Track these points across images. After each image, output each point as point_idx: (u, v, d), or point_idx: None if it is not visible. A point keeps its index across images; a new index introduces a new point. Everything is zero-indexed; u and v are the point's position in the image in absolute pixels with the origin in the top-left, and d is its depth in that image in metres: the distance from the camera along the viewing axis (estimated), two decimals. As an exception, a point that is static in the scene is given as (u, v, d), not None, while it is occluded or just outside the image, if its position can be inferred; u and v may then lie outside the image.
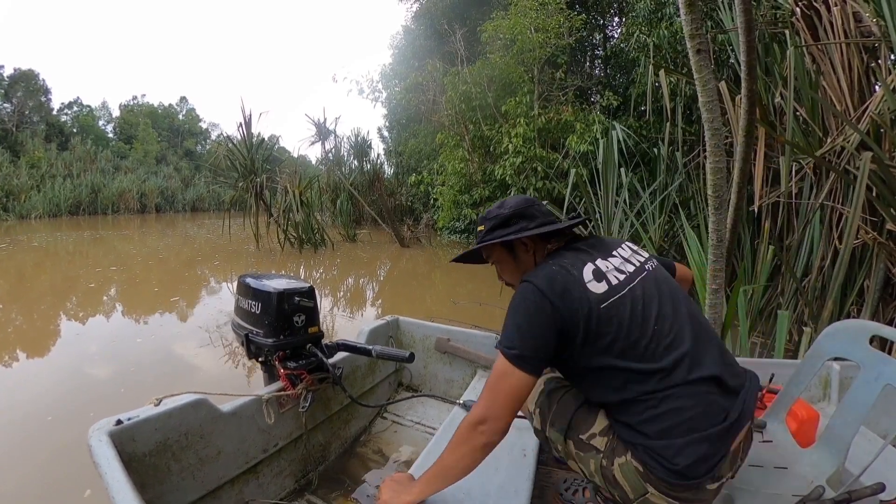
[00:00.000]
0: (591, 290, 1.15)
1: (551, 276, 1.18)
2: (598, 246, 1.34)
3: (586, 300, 1.13)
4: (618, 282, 1.20)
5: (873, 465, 1.21)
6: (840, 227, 3.70)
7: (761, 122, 3.69)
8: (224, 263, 10.13)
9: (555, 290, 1.14)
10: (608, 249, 1.32)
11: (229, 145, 11.62)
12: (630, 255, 1.33)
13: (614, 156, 6.37)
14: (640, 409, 1.12)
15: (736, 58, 5.36)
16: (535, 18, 9.50)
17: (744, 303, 3.32)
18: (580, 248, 1.32)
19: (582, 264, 1.22)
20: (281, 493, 1.85)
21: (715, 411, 1.10)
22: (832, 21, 3.93)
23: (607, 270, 1.22)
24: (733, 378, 1.17)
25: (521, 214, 1.38)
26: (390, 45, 16.45)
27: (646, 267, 1.31)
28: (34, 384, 3.68)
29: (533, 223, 1.36)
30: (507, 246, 1.41)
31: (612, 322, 1.13)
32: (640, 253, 1.38)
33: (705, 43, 2.25)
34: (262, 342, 1.81)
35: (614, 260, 1.27)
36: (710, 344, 1.19)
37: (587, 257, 1.25)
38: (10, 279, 8.33)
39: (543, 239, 1.39)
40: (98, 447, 1.23)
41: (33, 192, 24.51)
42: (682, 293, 1.31)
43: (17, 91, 33.15)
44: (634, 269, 1.27)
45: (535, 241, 1.39)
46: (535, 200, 1.45)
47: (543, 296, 1.14)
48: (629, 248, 1.38)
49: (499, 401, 1.12)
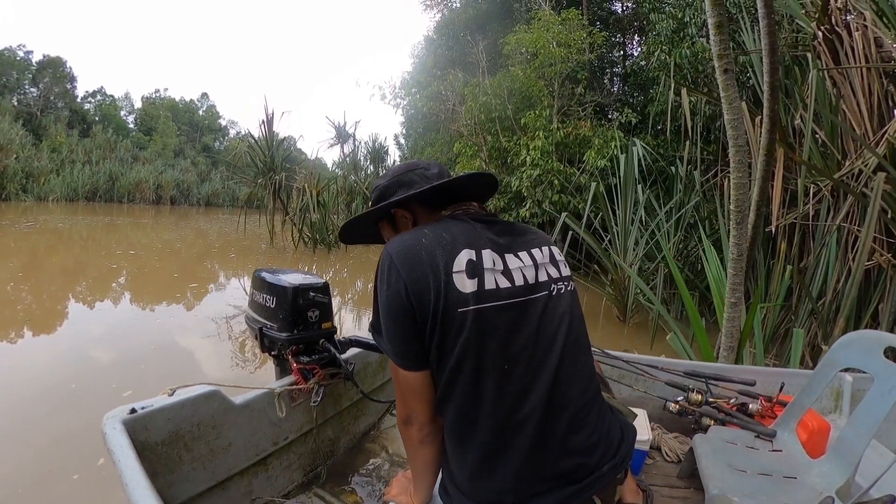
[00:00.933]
0: (453, 284, 0.95)
1: (410, 246, 0.99)
2: (508, 233, 1.10)
3: (439, 292, 0.94)
4: (498, 287, 0.98)
5: (884, 478, 1.20)
6: (856, 250, 3.70)
7: (780, 142, 3.71)
8: (238, 258, 10.30)
9: (411, 267, 0.96)
10: (518, 243, 1.08)
11: (251, 141, 11.80)
12: (545, 263, 1.09)
13: (634, 172, 6.40)
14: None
15: (756, 79, 5.39)
16: (557, 33, 9.56)
17: (759, 321, 3.32)
18: (480, 223, 1.08)
19: (463, 246, 0.99)
20: (289, 485, 1.85)
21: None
22: (853, 45, 3.96)
23: (491, 268, 0.99)
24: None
25: (400, 182, 1.18)
26: (411, 54, 16.67)
27: (557, 286, 1.08)
28: (69, 354, 4.13)
29: (412, 190, 1.14)
30: (389, 220, 1.22)
31: (462, 333, 0.94)
32: (560, 266, 1.13)
33: (732, 63, 2.30)
34: (275, 336, 1.80)
35: (514, 260, 1.04)
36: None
37: (476, 240, 1.01)
38: (37, 255, 8.82)
39: (432, 208, 1.16)
40: (112, 435, 1.24)
41: (53, 175, 24.92)
42: (584, 341, 1.11)
43: (45, 77, 33.91)
44: (534, 283, 1.04)
45: (418, 212, 1.17)
46: (420, 163, 1.23)
47: (399, 274, 0.96)
48: (551, 253, 1.13)
49: (406, 400, 1.05)
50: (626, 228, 6.20)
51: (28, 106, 31.70)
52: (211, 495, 1.55)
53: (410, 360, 1.00)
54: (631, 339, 5.40)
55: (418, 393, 1.03)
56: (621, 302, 6.11)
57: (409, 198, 1.13)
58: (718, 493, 1.33)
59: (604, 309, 6.54)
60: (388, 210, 1.18)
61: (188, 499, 1.48)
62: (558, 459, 0.97)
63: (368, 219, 1.24)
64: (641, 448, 1.75)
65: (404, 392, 1.05)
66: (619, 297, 6.14)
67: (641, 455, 1.78)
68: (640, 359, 2.28)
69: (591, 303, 7.08)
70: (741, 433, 1.69)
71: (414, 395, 1.03)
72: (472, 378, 0.95)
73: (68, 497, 2.33)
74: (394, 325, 0.99)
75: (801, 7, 4.91)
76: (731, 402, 1.94)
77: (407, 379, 1.02)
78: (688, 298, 3.48)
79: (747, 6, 6.41)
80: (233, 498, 1.63)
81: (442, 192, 1.15)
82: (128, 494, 1.07)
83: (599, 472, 0.99)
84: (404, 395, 1.05)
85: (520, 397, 0.96)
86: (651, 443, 1.86)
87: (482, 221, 1.09)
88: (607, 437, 1.05)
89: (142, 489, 1.08)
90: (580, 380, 1.03)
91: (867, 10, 3.97)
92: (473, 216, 1.10)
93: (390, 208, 1.17)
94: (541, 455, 0.96)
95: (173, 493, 1.43)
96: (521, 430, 0.95)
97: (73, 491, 2.36)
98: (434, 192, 1.12)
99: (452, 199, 1.16)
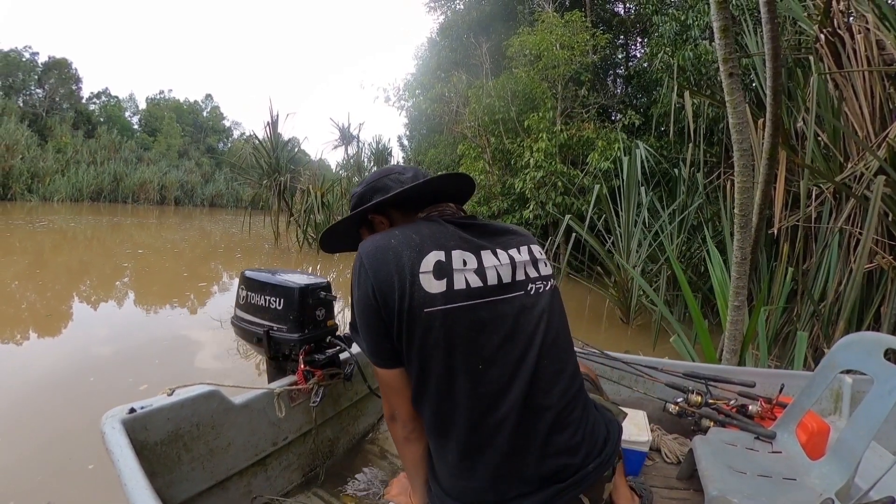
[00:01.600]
0: (419, 284, 0.95)
1: (379, 247, 1.00)
2: (485, 232, 1.09)
3: (404, 292, 0.95)
4: (469, 287, 0.98)
5: (883, 480, 1.20)
6: (857, 252, 3.70)
7: (783, 145, 3.71)
8: (244, 258, 10.43)
9: (378, 268, 0.98)
10: (495, 242, 1.07)
11: (255, 142, 11.87)
12: (524, 262, 1.08)
13: (637, 174, 6.41)
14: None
15: (759, 81, 5.39)
16: (560, 35, 9.58)
17: (763, 323, 3.32)
18: (454, 224, 1.08)
19: (432, 247, 0.99)
20: (288, 486, 1.85)
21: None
22: (855, 48, 3.95)
23: (461, 268, 0.99)
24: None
25: (374, 188, 1.19)
26: (414, 56, 16.74)
27: (535, 285, 1.06)
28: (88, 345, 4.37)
29: (387, 195, 1.14)
30: (368, 227, 1.23)
31: (430, 333, 0.95)
32: (539, 266, 1.11)
33: (737, 67, 2.31)
34: (286, 337, 1.78)
35: (490, 258, 1.03)
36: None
37: (447, 241, 1.01)
38: (59, 253, 9.18)
39: (408, 211, 1.16)
40: (111, 434, 1.24)
41: (57, 175, 25.06)
42: (569, 346, 1.11)
43: (50, 78, 34.10)
44: (509, 283, 1.03)
45: (395, 216, 1.18)
46: (396, 168, 1.24)
47: (367, 275, 0.98)
48: (530, 252, 1.11)
49: (388, 396, 1.08)
50: (629, 230, 6.21)
51: (34, 107, 31.89)
52: (210, 495, 1.55)
53: (384, 357, 1.02)
54: (634, 340, 5.40)
55: (396, 389, 1.04)
56: (624, 304, 6.11)
57: (383, 202, 1.14)
58: (718, 495, 1.33)
59: (607, 311, 6.55)
60: (365, 216, 1.20)
61: (187, 499, 1.48)
62: (540, 460, 0.96)
63: (346, 225, 1.24)
64: (641, 449, 1.75)
65: (385, 389, 1.08)
66: (622, 298, 6.14)
67: (641, 456, 1.78)
68: (639, 360, 2.29)
69: (594, 304, 7.09)
70: (741, 435, 1.69)
71: (393, 392, 1.05)
72: (446, 377, 0.96)
73: (89, 483, 2.39)
74: (365, 323, 1.01)
75: (804, 9, 4.91)
76: (730, 404, 1.94)
77: (384, 376, 1.05)
78: (691, 300, 3.48)
79: (750, 9, 6.42)
80: (232, 498, 1.63)
81: (418, 195, 1.15)
82: (127, 494, 1.07)
83: (585, 471, 0.99)
84: (385, 392, 1.08)
85: (496, 397, 0.96)
86: (651, 444, 1.86)
87: (456, 223, 1.08)
88: (592, 435, 1.04)
89: (141, 489, 1.08)
90: (562, 379, 1.02)
91: (869, 13, 3.97)
92: (448, 217, 1.11)
93: (367, 214, 1.18)
94: (521, 455, 0.96)
95: (172, 493, 1.43)
96: (500, 431, 0.96)
97: (92, 477, 2.43)
98: (408, 195, 1.12)
99: (429, 202, 1.16)
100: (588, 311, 7.00)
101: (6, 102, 26.99)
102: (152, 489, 1.09)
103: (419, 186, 1.12)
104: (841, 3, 4.25)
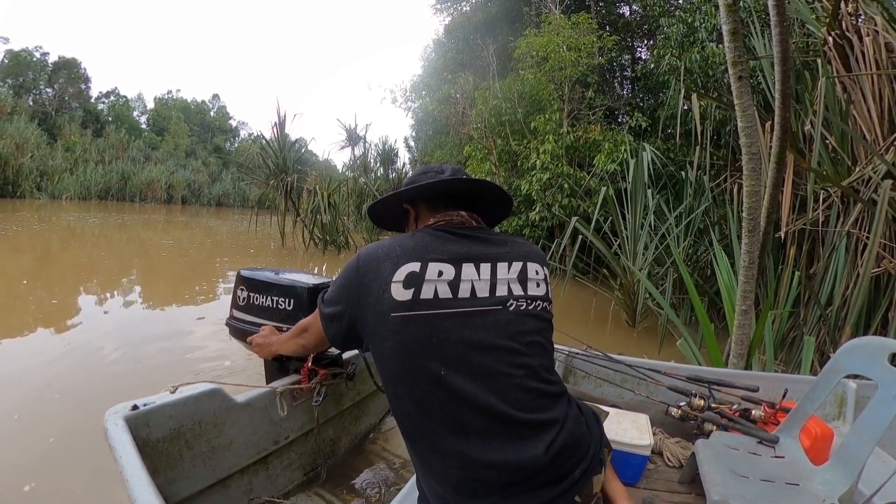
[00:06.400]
0: (389, 291, 1.00)
1: (371, 255, 1.08)
2: (481, 244, 1.11)
3: (378, 297, 1.02)
4: (437, 297, 1.00)
5: (887, 486, 1.20)
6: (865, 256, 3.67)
7: (791, 148, 3.69)
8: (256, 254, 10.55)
9: (365, 271, 1.06)
10: (486, 255, 1.09)
11: (262, 143, 11.94)
12: (509, 279, 1.08)
13: (644, 177, 6.38)
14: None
15: (766, 84, 5.35)
16: (567, 37, 9.56)
17: (770, 327, 3.30)
18: (450, 234, 1.11)
19: (411, 258, 1.03)
20: (289, 485, 1.86)
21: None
22: (864, 51, 3.93)
23: (434, 279, 1.01)
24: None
25: (412, 181, 1.25)
26: (420, 57, 16.78)
27: (517, 303, 1.06)
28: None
29: (403, 189, 1.23)
30: (404, 213, 1.30)
31: (396, 335, 1.00)
32: (528, 285, 1.10)
33: (746, 70, 2.30)
34: None
35: (470, 271, 1.05)
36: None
37: (428, 253, 1.05)
38: (93, 249, 9.51)
39: (432, 208, 1.22)
40: (114, 431, 1.25)
41: (66, 174, 25.29)
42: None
43: (60, 77, 34.44)
44: (486, 297, 1.04)
45: (421, 209, 1.24)
46: (437, 166, 1.28)
47: (357, 272, 1.07)
48: (523, 269, 1.11)
49: (309, 337, 1.31)
50: (635, 233, 6.18)
51: (43, 106, 32.22)
52: (211, 493, 1.56)
53: (332, 326, 1.13)
54: (640, 344, 5.37)
55: (312, 343, 1.31)
56: (630, 307, 6.08)
57: (411, 194, 1.23)
58: (720, 499, 1.32)
59: (612, 314, 6.52)
60: (400, 203, 1.28)
61: (188, 496, 1.49)
62: (514, 470, 0.95)
63: (385, 205, 1.32)
64: (643, 453, 1.74)
65: (306, 333, 1.32)
66: (628, 301, 6.11)
67: (643, 460, 1.77)
68: (642, 363, 2.28)
69: (599, 307, 7.07)
70: (744, 439, 1.68)
71: (310, 340, 1.31)
72: (415, 379, 0.99)
73: (90, 479, 2.40)
74: (338, 297, 1.12)
75: (812, 12, 4.88)
76: (733, 408, 1.93)
77: (312, 334, 1.28)
78: (698, 303, 3.46)
79: (757, 10, 6.38)
80: (233, 496, 1.64)
81: (444, 194, 1.21)
82: (128, 491, 1.08)
83: (571, 477, 1.00)
84: (308, 331, 1.31)
85: (460, 403, 0.96)
86: (653, 447, 1.85)
87: (456, 233, 1.12)
88: (574, 441, 1.03)
89: (142, 486, 1.09)
90: (535, 394, 1.01)
91: (878, 15, 3.93)
92: (452, 226, 1.15)
93: (401, 202, 1.27)
94: (495, 466, 0.95)
95: (174, 490, 1.44)
96: (467, 437, 0.96)
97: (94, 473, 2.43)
98: (432, 191, 1.21)
99: (448, 204, 1.21)
100: (594, 314, 6.98)
101: (17, 101, 27.24)
102: (154, 486, 1.10)
103: (433, 185, 1.19)
104: (849, 5, 4.23)
